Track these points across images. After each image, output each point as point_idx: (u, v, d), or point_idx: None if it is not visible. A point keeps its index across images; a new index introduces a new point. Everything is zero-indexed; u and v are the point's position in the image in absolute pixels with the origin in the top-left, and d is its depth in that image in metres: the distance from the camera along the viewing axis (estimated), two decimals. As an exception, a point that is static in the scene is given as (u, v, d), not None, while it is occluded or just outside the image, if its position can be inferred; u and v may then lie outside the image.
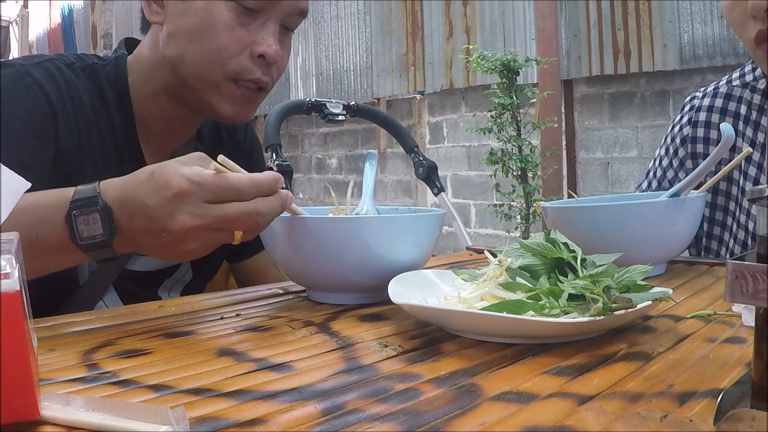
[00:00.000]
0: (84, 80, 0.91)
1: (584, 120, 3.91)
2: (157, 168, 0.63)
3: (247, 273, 1.12)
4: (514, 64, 3.47)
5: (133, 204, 0.63)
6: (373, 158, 0.96)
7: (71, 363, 0.53)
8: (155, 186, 0.62)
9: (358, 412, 0.42)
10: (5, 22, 9.02)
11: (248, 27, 0.86)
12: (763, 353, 0.36)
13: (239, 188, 0.62)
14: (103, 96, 0.92)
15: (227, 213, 0.61)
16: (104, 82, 0.92)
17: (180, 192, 0.60)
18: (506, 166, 3.53)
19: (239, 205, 0.62)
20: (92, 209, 0.63)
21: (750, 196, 0.37)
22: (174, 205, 0.61)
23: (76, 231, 0.64)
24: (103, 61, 0.94)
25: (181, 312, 0.72)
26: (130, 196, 0.63)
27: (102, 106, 0.91)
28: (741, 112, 1.10)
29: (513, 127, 3.56)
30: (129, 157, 0.92)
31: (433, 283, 0.71)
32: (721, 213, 1.14)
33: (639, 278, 0.61)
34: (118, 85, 0.92)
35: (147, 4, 0.90)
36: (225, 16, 0.85)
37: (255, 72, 0.87)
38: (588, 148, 3.89)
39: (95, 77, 0.92)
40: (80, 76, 0.90)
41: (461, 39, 4.45)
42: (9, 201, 0.43)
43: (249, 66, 0.86)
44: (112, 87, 0.92)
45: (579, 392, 0.44)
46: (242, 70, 0.86)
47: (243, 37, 0.86)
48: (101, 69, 0.93)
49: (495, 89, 3.54)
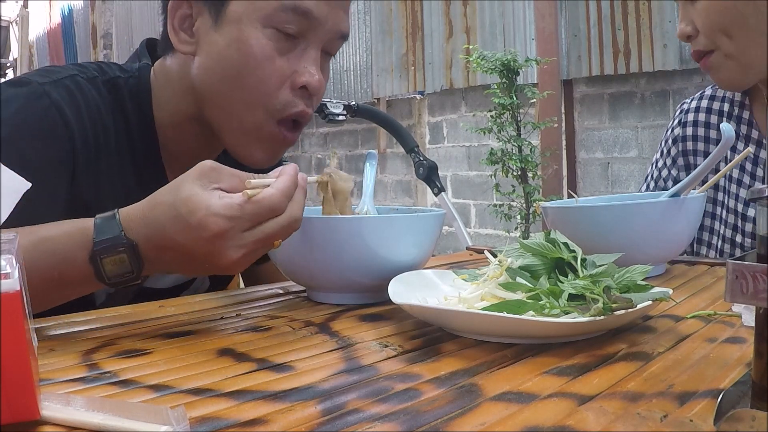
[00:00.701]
0: (106, 97, 0.84)
1: (584, 120, 3.91)
2: (180, 202, 0.60)
3: (258, 277, 1.12)
4: (514, 64, 3.48)
5: (164, 239, 0.61)
6: (373, 158, 0.96)
7: (71, 363, 0.53)
8: (188, 226, 0.60)
9: (358, 412, 0.42)
10: (5, 22, 9.02)
11: (288, 55, 0.79)
12: (763, 353, 0.36)
13: (273, 207, 0.62)
14: (126, 115, 0.85)
15: (268, 233, 0.62)
16: (127, 99, 0.86)
17: (219, 232, 0.59)
18: (506, 166, 3.53)
19: (276, 221, 0.62)
20: (118, 250, 0.61)
21: (750, 196, 0.37)
22: (216, 244, 0.60)
23: (104, 272, 0.62)
24: (126, 74, 0.87)
25: (181, 312, 0.72)
26: (159, 232, 0.61)
27: (124, 126, 0.85)
28: (724, 109, 1.16)
29: (513, 127, 3.56)
30: (152, 178, 0.84)
31: (433, 283, 0.71)
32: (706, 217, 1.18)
33: (639, 278, 0.61)
34: (141, 104, 0.86)
35: (174, 32, 0.82)
36: (264, 45, 0.78)
37: (297, 105, 0.81)
38: (588, 148, 3.89)
39: (117, 93, 0.85)
40: (102, 93, 0.84)
41: (461, 39, 4.46)
42: (9, 201, 0.43)
43: (290, 99, 0.80)
44: (134, 104, 0.86)
45: (579, 392, 0.44)
46: (284, 105, 0.80)
47: (283, 68, 0.79)
48: (124, 83, 0.86)
49: (495, 89, 3.55)
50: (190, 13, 0.82)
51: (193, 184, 0.61)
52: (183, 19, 0.82)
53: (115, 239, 0.61)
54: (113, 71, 0.87)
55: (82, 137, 0.80)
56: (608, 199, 1.02)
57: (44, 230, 0.64)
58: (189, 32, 0.82)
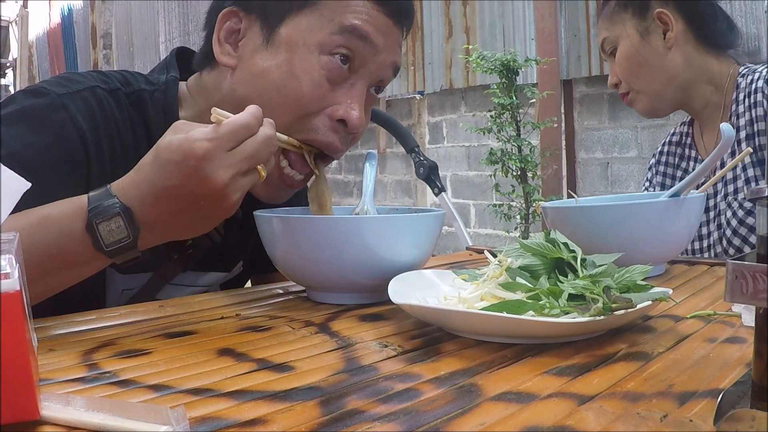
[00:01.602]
0: (128, 111, 0.83)
1: (584, 120, 3.91)
2: (161, 150, 0.63)
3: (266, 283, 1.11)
4: (513, 64, 3.47)
5: (156, 193, 0.63)
6: (373, 158, 0.96)
7: (71, 363, 0.53)
8: (174, 163, 0.62)
9: (358, 412, 0.42)
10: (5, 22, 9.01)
11: (336, 87, 0.78)
12: (763, 353, 0.36)
13: (245, 124, 0.63)
14: (149, 128, 0.83)
15: (249, 150, 0.63)
16: (151, 112, 0.84)
17: (205, 154, 0.61)
18: (506, 166, 3.53)
19: (253, 139, 0.64)
20: (113, 213, 0.63)
21: (750, 196, 0.37)
22: (204, 168, 0.61)
23: (101, 239, 0.64)
24: (152, 86, 0.85)
25: (181, 312, 0.72)
26: (150, 187, 0.63)
27: (147, 141, 0.82)
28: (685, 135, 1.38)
29: (513, 127, 3.56)
30: None
31: (433, 283, 0.71)
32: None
33: (639, 278, 0.61)
34: (165, 117, 0.83)
35: (219, 44, 0.81)
36: (315, 69, 0.76)
37: (328, 135, 0.78)
38: (587, 148, 3.89)
39: (141, 106, 0.83)
40: (123, 106, 0.82)
41: (461, 39, 4.45)
42: (9, 201, 0.43)
43: (323, 125, 0.78)
44: (158, 117, 0.83)
45: (579, 392, 0.44)
46: (314, 128, 0.78)
47: (327, 97, 0.77)
48: (148, 96, 0.84)
49: (495, 89, 3.54)
50: (239, 28, 0.81)
51: (167, 135, 0.64)
52: (230, 32, 0.81)
53: (108, 206, 0.64)
54: (138, 83, 0.85)
55: (96, 148, 0.79)
56: (608, 200, 1.02)
57: (43, 210, 0.66)
58: (234, 46, 0.81)
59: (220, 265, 0.97)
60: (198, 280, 0.95)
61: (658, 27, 1.25)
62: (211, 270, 0.96)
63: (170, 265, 0.89)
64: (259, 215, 0.76)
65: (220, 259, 0.96)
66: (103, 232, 0.63)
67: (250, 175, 0.65)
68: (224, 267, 0.98)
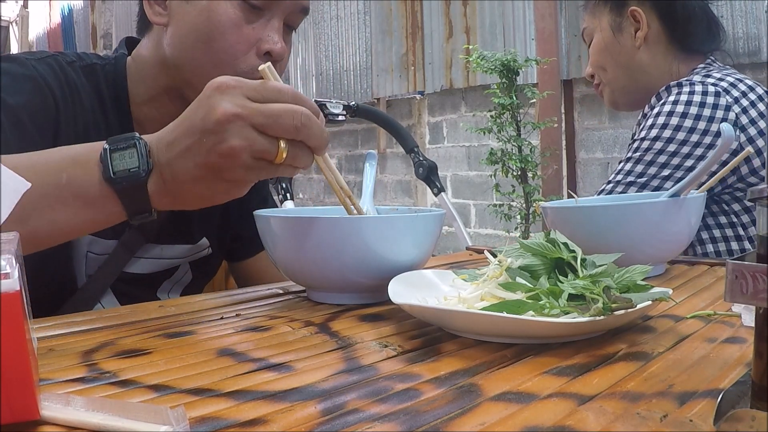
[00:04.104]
0: (83, 79, 0.90)
1: (584, 120, 3.91)
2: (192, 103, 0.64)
3: (247, 273, 1.12)
4: (513, 64, 3.48)
5: (173, 128, 0.64)
6: (373, 158, 0.96)
7: (71, 363, 0.53)
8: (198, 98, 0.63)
9: (358, 412, 0.42)
10: (5, 22, 9.01)
11: (254, 25, 0.86)
12: (763, 353, 0.36)
13: (280, 89, 0.63)
14: (101, 96, 0.91)
15: (269, 107, 0.61)
16: (102, 83, 0.92)
17: (221, 85, 0.61)
18: (506, 166, 3.53)
19: (280, 104, 0.62)
20: (129, 143, 0.63)
21: (750, 196, 0.37)
22: (215, 97, 0.61)
23: (110, 165, 0.62)
24: (103, 61, 0.94)
25: (181, 312, 0.72)
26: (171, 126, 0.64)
27: (99, 107, 0.91)
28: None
29: (513, 127, 3.56)
30: None
31: (433, 283, 0.71)
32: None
33: (639, 278, 0.61)
34: (116, 86, 0.92)
35: (149, 5, 0.89)
36: (231, 14, 0.85)
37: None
38: (588, 148, 3.89)
39: (94, 77, 0.92)
40: (80, 75, 0.90)
41: (461, 39, 4.46)
42: (9, 201, 0.43)
43: (257, 64, 0.85)
44: (110, 88, 0.92)
45: (579, 392, 0.44)
46: (251, 69, 0.85)
47: (249, 35, 0.86)
48: (100, 69, 0.92)
49: (495, 89, 3.55)
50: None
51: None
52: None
53: (127, 137, 0.64)
54: (90, 59, 0.93)
55: (64, 109, 0.86)
56: (608, 199, 1.02)
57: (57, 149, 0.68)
58: (162, 5, 0.89)
59: (183, 237, 1.00)
60: (163, 253, 0.98)
61: (630, 24, 1.27)
62: (174, 242, 0.99)
63: (132, 233, 0.93)
64: (259, 215, 0.76)
65: (181, 230, 0.99)
66: (114, 160, 0.63)
67: (265, 140, 0.61)
68: (188, 239, 1.01)
